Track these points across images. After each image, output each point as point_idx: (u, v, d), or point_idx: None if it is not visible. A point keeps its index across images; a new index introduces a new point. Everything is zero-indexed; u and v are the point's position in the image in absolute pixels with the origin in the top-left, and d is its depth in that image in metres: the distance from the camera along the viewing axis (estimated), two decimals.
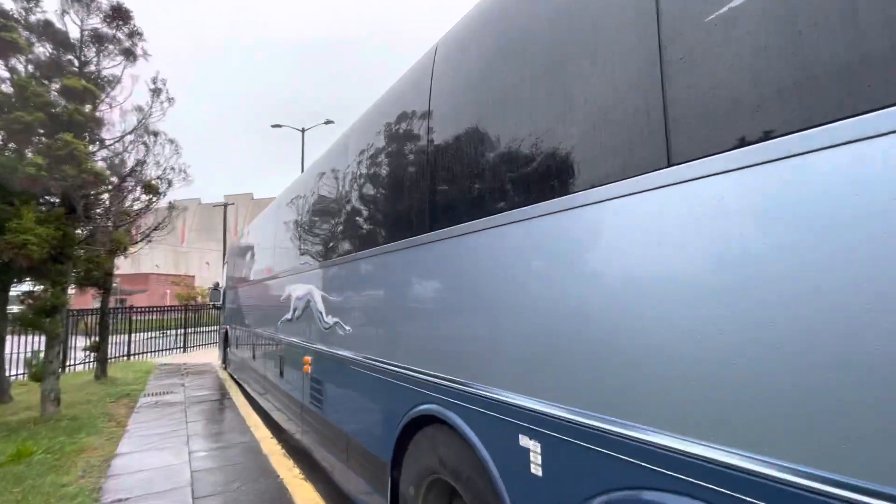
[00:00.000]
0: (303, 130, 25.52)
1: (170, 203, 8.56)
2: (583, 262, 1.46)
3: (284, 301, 5.21)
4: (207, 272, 52.33)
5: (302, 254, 4.69)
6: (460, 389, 2.03)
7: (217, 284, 11.96)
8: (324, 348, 3.81)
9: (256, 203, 57.64)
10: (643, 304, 1.25)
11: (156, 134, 8.14)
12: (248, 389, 7.38)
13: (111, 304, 9.26)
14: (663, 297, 1.20)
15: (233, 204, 37.94)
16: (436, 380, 2.23)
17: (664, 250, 1.21)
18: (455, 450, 2.09)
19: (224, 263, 11.50)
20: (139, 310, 14.38)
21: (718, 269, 1.09)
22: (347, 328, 3.38)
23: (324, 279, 3.95)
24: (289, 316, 4.99)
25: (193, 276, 45.10)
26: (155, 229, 8.66)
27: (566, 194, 1.54)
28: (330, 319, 3.73)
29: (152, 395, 7.55)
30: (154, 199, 7.45)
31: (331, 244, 3.84)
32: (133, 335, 13.39)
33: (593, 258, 1.43)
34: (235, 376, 8.78)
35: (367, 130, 3.37)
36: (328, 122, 24.76)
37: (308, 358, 4.24)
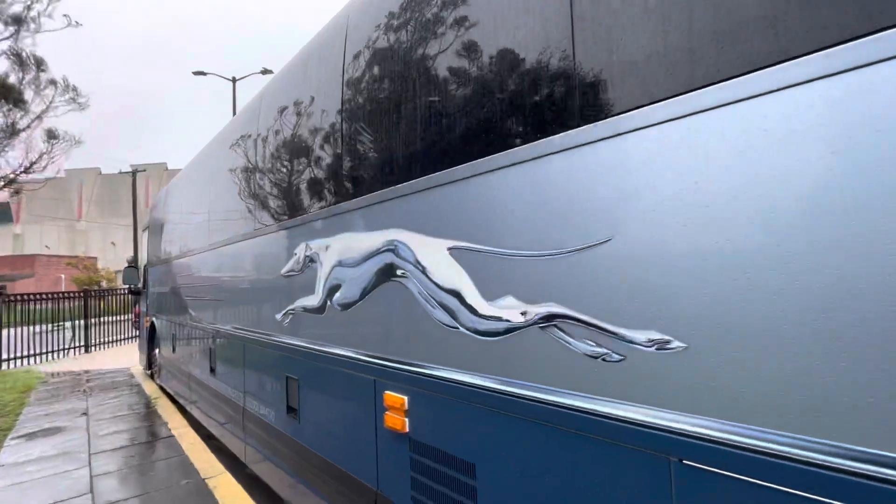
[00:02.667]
0: (234, 80, 21.56)
1: (49, 130, 5.38)
2: None
3: (293, 273, 2.72)
4: (113, 253, 45.12)
5: (352, 175, 2.23)
6: None
7: (133, 261, 8.71)
8: (503, 389, 1.46)
9: (171, 174, 50.44)
10: None
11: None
12: (197, 415, 4.72)
13: None
14: None
15: (144, 170, 32.28)
16: None
17: None
18: None
19: (144, 231, 8.29)
20: (14, 298, 10.53)
21: None
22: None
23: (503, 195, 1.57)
24: (312, 302, 2.52)
25: (95, 258, 38.44)
26: (26, 170, 5.43)
27: None
28: (531, 308, 1.38)
29: (26, 437, 4.59)
30: (7, 108, 4.37)
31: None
32: (7, 331, 9.68)
33: None
34: (171, 391, 5.96)
35: None
36: (266, 71, 20.84)
37: (399, 398, 1.85)
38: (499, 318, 1.44)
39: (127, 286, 8.72)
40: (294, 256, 2.74)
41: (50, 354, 10.40)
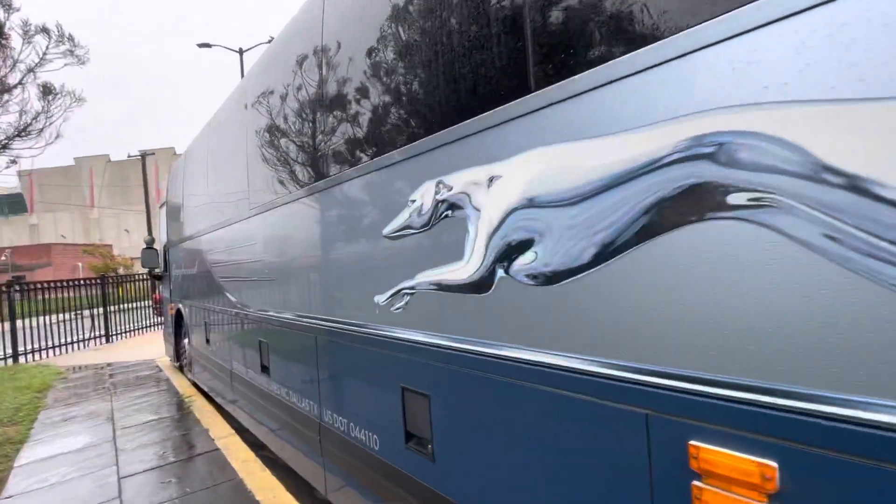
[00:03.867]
0: (241, 51, 20.37)
1: (44, 85, 4.42)
2: None
3: (408, 232, 1.77)
4: (128, 240, 44.80)
5: None
6: None
7: (151, 242, 7.85)
8: None
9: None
10: None
11: None
12: (243, 419, 3.86)
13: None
14: None
15: (153, 154, 31.35)
16: None
17: None
18: None
19: (161, 208, 7.39)
20: (31, 286, 9.80)
21: None
22: None
23: None
24: (459, 273, 1.54)
25: (110, 245, 38.12)
26: (20, 133, 4.50)
27: None
28: None
29: (39, 460, 3.77)
30: None
31: None
32: (24, 321, 8.98)
33: None
34: (205, 388, 5.14)
35: None
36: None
37: (753, 464, 0.87)
38: None
39: (146, 269, 7.88)
40: (411, 205, 1.75)
41: (69, 346, 9.71)
